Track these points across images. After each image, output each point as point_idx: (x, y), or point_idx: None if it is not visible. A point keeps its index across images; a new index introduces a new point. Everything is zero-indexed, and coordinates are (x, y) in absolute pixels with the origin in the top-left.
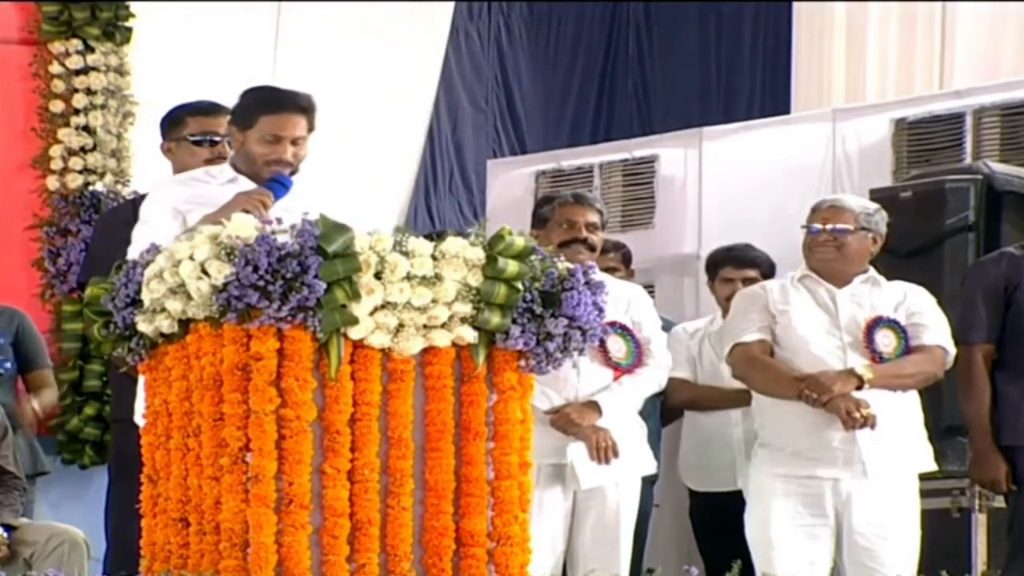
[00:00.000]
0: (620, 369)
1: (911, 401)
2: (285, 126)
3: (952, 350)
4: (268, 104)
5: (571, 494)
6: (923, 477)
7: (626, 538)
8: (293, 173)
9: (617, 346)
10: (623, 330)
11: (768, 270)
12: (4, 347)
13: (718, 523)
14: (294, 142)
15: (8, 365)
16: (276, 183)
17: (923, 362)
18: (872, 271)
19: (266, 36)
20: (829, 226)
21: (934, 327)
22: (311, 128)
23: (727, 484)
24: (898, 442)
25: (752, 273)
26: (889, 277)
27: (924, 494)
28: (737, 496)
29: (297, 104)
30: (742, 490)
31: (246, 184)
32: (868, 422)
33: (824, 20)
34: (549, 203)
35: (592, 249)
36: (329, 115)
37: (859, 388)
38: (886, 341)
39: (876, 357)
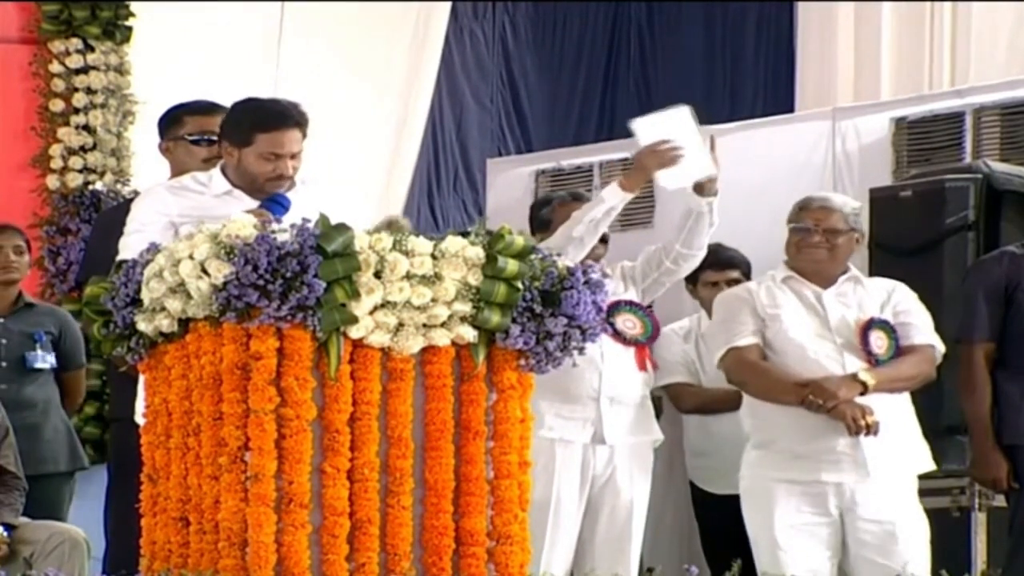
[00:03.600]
0: (640, 345)
1: (905, 402)
2: (283, 143)
3: (940, 347)
4: (264, 122)
5: (587, 490)
6: (923, 477)
7: (637, 536)
8: (290, 188)
9: (630, 323)
10: (632, 306)
11: (747, 270)
12: (46, 344)
13: (728, 524)
14: (292, 156)
15: (52, 361)
16: (274, 203)
17: (919, 363)
18: (853, 269)
19: (266, 35)
20: (822, 226)
21: (921, 325)
22: (304, 137)
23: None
24: (899, 443)
25: (734, 274)
26: (888, 276)
27: (924, 494)
28: None
29: (292, 120)
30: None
31: (242, 198)
32: (872, 429)
33: (828, 20)
34: (548, 205)
35: (605, 242)
36: (331, 114)
37: (863, 393)
38: (879, 343)
39: (872, 359)
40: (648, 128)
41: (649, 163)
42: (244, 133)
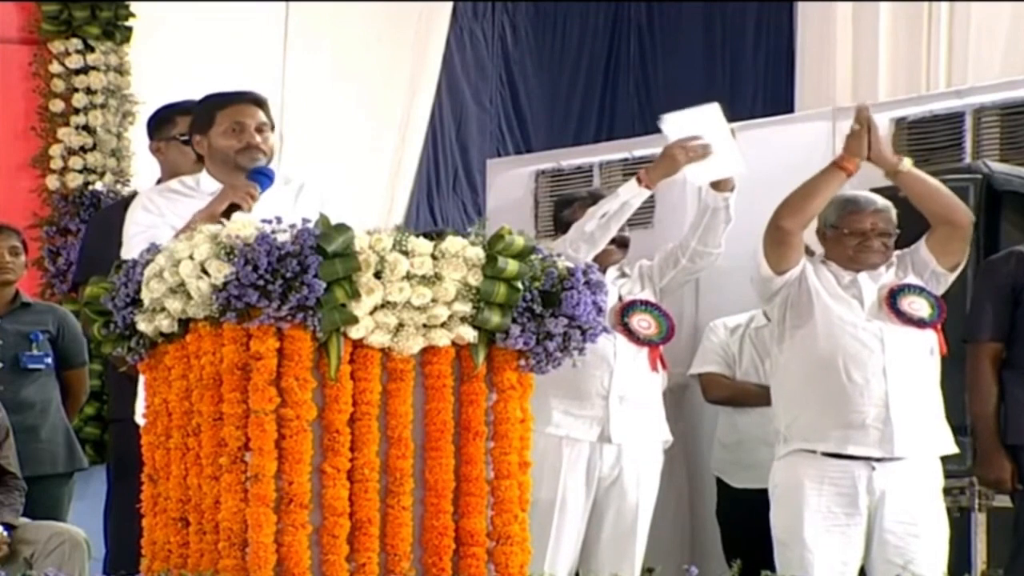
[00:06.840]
0: (653, 346)
1: (934, 385)
2: (244, 113)
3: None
4: (221, 100)
5: (593, 491)
6: None
7: (641, 537)
8: (268, 162)
9: (645, 323)
10: (648, 306)
11: None
12: (43, 343)
13: (751, 519)
14: (259, 129)
15: (48, 360)
16: (260, 175)
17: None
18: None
19: (266, 36)
20: (879, 229)
21: None
22: (271, 123)
23: (767, 481)
24: (925, 422)
25: None
26: None
27: None
28: None
29: (250, 96)
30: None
31: None
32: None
33: (827, 20)
34: (568, 206)
35: (625, 246)
36: (333, 116)
37: (896, 173)
38: (916, 306)
39: (901, 316)
40: (677, 124)
41: (678, 157)
42: (206, 117)
